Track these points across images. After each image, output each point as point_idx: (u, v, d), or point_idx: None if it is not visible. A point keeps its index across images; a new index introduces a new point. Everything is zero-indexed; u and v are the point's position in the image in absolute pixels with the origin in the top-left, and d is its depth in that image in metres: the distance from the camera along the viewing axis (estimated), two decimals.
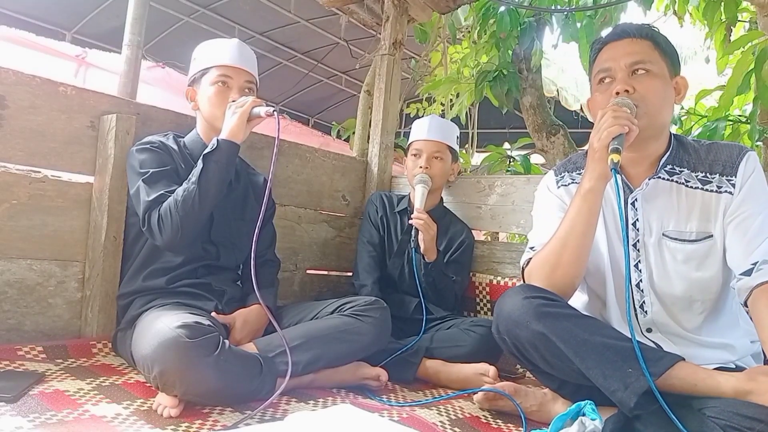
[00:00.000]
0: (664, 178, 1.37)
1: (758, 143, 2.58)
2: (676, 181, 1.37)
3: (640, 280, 1.38)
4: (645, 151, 1.38)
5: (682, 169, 1.37)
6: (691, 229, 1.34)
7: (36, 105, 1.55)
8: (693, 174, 1.36)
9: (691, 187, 1.35)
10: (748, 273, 1.24)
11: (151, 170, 1.49)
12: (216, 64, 1.61)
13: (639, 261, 1.38)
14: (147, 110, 1.76)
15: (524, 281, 1.43)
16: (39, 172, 1.57)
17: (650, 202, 1.38)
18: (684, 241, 1.34)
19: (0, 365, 1.34)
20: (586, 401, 1.20)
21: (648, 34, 1.37)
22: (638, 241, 1.38)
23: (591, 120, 1.41)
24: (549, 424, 1.19)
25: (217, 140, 1.49)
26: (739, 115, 2.68)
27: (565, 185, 1.51)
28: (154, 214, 1.45)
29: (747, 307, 1.26)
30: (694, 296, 1.35)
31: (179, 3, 5.92)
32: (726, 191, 1.32)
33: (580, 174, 1.47)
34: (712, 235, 1.33)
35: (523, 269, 1.45)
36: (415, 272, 1.94)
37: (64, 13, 5.75)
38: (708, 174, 1.34)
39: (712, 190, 1.33)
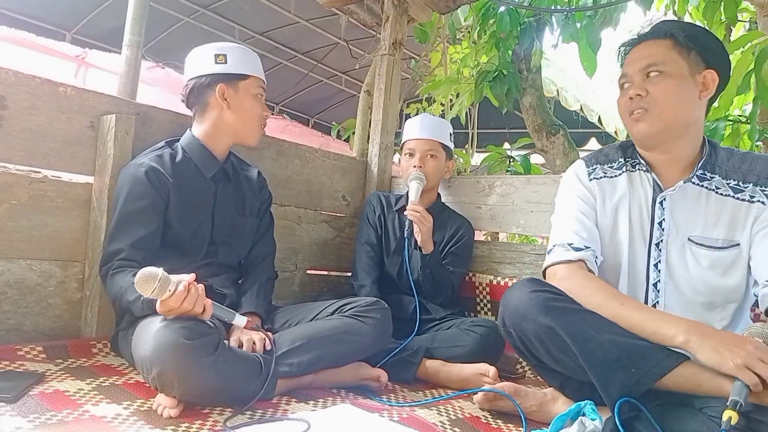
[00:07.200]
0: (694, 183, 1.38)
1: (758, 143, 2.58)
2: (707, 187, 1.37)
3: (658, 281, 1.38)
4: (673, 152, 1.38)
5: (713, 176, 1.37)
6: (717, 236, 1.34)
7: (36, 105, 1.55)
8: (724, 181, 1.36)
9: (722, 194, 1.36)
10: None
11: (126, 210, 1.48)
12: (256, 74, 1.64)
13: (659, 261, 1.38)
14: (147, 110, 1.76)
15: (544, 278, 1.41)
16: (39, 172, 1.57)
17: (678, 204, 1.38)
18: (710, 247, 1.34)
19: (0, 365, 1.34)
20: (586, 401, 1.20)
21: (669, 33, 1.37)
22: (661, 241, 1.38)
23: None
24: (549, 424, 1.19)
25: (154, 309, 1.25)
26: (739, 115, 2.68)
27: (597, 179, 1.47)
28: (104, 272, 1.44)
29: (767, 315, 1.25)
30: (715, 302, 1.35)
31: (179, 3, 5.91)
32: (758, 201, 1.33)
33: (612, 167, 1.47)
34: (738, 244, 1.33)
35: (546, 269, 1.42)
36: (408, 267, 1.94)
37: (64, 13, 5.74)
38: (741, 183, 1.35)
39: (744, 199, 1.34)
